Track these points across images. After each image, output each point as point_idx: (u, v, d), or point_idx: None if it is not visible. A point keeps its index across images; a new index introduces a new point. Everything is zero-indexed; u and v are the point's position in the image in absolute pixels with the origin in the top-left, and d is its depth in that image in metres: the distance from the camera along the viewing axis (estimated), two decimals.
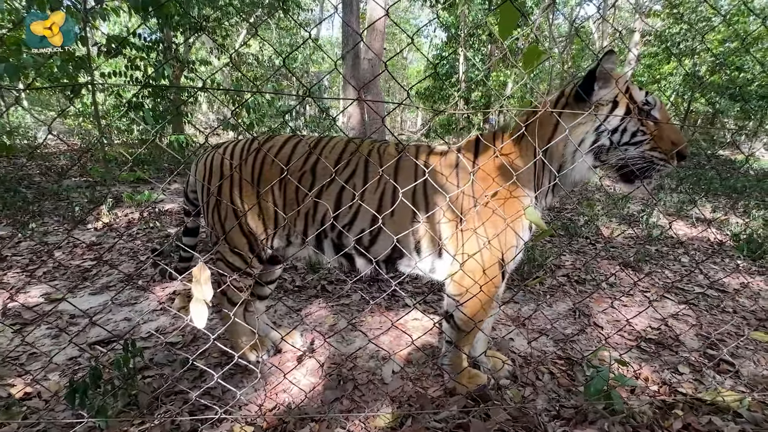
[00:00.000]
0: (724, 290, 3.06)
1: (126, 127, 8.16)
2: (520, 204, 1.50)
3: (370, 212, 1.66)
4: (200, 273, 1.08)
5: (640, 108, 1.38)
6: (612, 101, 1.39)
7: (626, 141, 1.38)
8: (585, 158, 1.41)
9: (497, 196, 1.50)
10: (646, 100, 1.38)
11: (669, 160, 1.36)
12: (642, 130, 1.37)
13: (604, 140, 1.39)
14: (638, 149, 1.38)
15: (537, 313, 2.61)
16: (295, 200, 1.73)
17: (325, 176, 1.69)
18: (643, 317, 2.59)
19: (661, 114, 1.39)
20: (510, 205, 1.50)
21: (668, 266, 3.54)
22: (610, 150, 1.40)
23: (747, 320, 2.62)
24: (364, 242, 1.71)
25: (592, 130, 1.40)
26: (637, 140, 1.38)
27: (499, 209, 1.49)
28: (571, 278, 3.20)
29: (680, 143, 1.33)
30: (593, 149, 1.41)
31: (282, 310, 2.60)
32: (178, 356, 2.02)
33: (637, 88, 1.40)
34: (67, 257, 3.36)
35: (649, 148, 1.38)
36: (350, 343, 2.21)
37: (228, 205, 1.72)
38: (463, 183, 1.56)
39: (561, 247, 3.95)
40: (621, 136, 1.38)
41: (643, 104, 1.38)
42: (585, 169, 1.44)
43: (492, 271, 1.54)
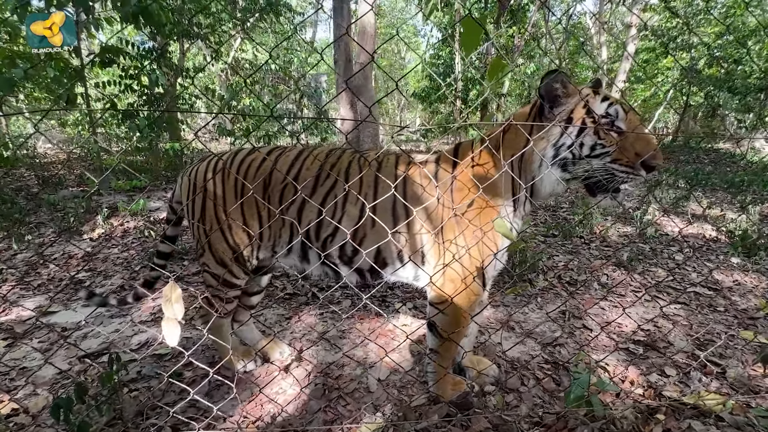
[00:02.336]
0: (717, 288, 3.05)
1: (125, 135, 8.21)
2: (496, 213, 1.51)
3: (352, 224, 1.68)
4: (171, 292, 1.09)
5: (598, 121, 1.38)
6: (567, 117, 1.40)
7: (587, 154, 1.39)
8: (551, 171, 1.42)
9: (474, 206, 1.51)
10: (606, 112, 1.38)
11: (633, 172, 1.35)
12: (601, 143, 1.37)
13: (564, 154, 1.40)
14: (601, 161, 1.38)
15: (526, 315, 2.61)
16: (281, 212, 1.74)
17: (307, 189, 1.70)
18: (634, 318, 2.58)
19: (627, 124, 1.39)
20: (487, 215, 1.51)
21: (662, 265, 3.54)
22: (576, 162, 1.40)
23: (738, 319, 2.61)
24: (347, 252, 1.73)
25: (551, 144, 1.41)
26: (597, 153, 1.38)
27: (475, 219, 1.50)
28: (563, 279, 3.20)
29: (645, 153, 1.32)
30: (557, 162, 1.42)
31: (273, 318, 2.61)
32: (166, 368, 2.03)
33: (598, 100, 1.40)
34: (62, 269, 3.38)
35: (610, 160, 1.37)
36: (338, 351, 2.22)
37: (212, 217, 1.74)
38: (441, 193, 1.57)
39: (554, 248, 3.95)
40: (580, 149, 1.39)
41: (603, 116, 1.38)
42: (553, 181, 1.45)
43: (471, 280, 1.55)
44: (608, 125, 1.38)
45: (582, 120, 1.38)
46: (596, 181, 1.41)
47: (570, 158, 1.40)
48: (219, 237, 1.76)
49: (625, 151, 1.35)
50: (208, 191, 1.72)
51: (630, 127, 1.37)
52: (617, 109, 1.38)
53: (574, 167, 1.41)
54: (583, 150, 1.38)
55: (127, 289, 2.99)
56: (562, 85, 1.38)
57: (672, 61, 13.80)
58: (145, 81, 5.99)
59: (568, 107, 1.40)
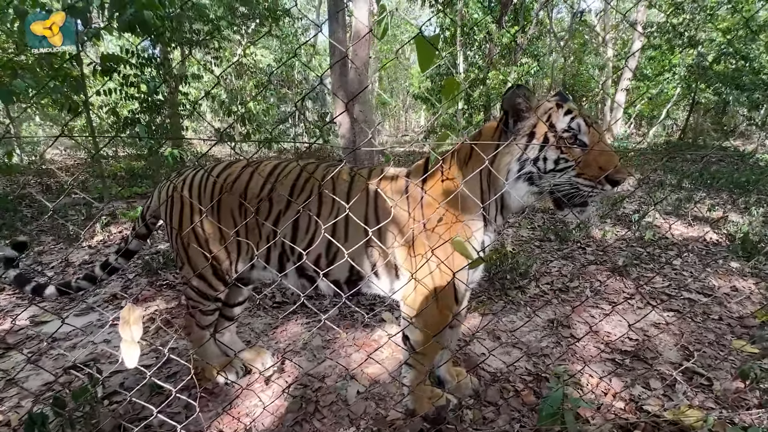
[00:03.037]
0: (713, 295, 2.99)
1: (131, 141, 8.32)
2: (466, 228, 1.50)
3: (326, 238, 1.68)
4: (129, 314, 1.10)
5: (560, 136, 1.36)
6: (529, 132, 1.38)
7: (551, 168, 1.37)
8: (518, 184, 1.41)
9: (444, 221, 1.50)
10: (568, 126, 1.36)
11: (597, 186, 1.33)
12: (564, 157, 1.36)
13: (529, 168, 1.38)
14: (565, 175, 1.37)
15: (515, 324, 2.59)
16: (255, 226, 1.76)
17: (281, 203, 1.71)
18: (623, 327, 2.54)
19: (590, 138, 1.37)
20: (456, 230, 1.50)
21: (658, 270, 3.48)
22: (542, 176, 1.38)
23: (732, 327, 2.56)
24: (322, 266, 1.73)
25: (515, 159, 1.40)
26: (561, 167, 1.36)
27: (445, 234, 1.49)
28: (555, 286, 3.16)
29: (608, 168, 1.30)
30: (523, 176, 1.40)
31: (260, 327, 2.63)
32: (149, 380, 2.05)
33: (561, 114, 1.38)
34: (58, 277, 3.44)
35: (574, 174, 1.36)
36: (321, 361, 2.22)
37: (189, 232, 1.75)
38: (411, 208, 1.56)
39: (549, 252, 3.91)
40: (544, 164, 1.37)
41: (565, 130, 1.36)
42: (521, 195, 1.43)
43: (443, 295, 1.54)
44: (571, 139, 1.36)
45: (544, 134, 1.37)
46: (563, 195, 1.39)
47: (535, 172, 1.38)
48: (197, 250, 1.77)
49: (589, 165, 1.33)
50: (185, 206, 1.73)
51: (593, 141, 1.35)
52: (579, 122, 1.36)
53: (540, 181, 1.39)
54: (547, 164, 1.37)
55: (119, 297, 3.03)
56: (524, 99, 1.36)
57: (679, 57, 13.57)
58: (144, 88, 6.07)
59: (531, 121, 1.39)
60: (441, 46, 15.58)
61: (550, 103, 1.42)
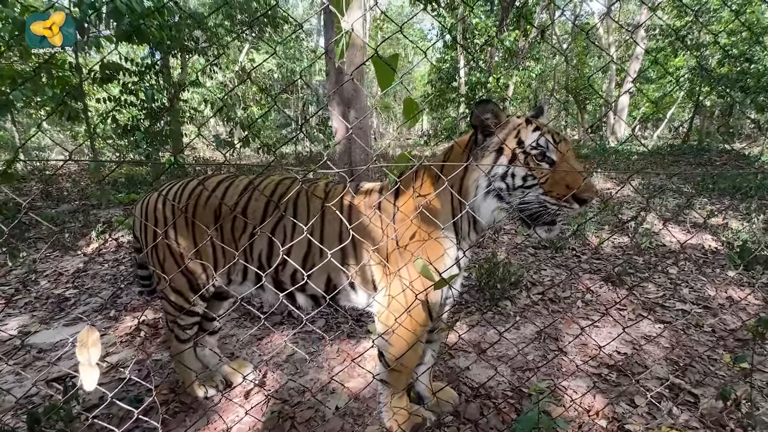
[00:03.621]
0: (708, 306, 2.93)
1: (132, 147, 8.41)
2: (438, 244, 1.48)
3: (302, 253, 1.68)
4: (87, 336, 1.10)
5: (527, 152, 1.34)
6: (497, 148, 1.36)
7: (519, 185, 1.35)
8: (486, 201, 1.39)
9: (416, 237, 1.48)
10: (536, 143, 1.34)
11: (565, 205, 1.30)
12: (531, 175, 1.33)
13: (497, 184, 1.36)
14: (532, 193, 1.35)
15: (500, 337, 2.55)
16: (232, 240, 1.75)
17: (256, 218, 1.71)
18: (612, 339, 2.50)
19: (558, 155, 1.34)
20: (428, 246, 1.48)
21: (653, 279, 3.42)
22: (511, 193, 1.36)
23: (724, 341, 2.50)
24: (298, 280, 1.72)
25: (483, 175, 1.38)
26: (529, 184, 1.34)
27: (417, 251, 1.47)
28: (546, 296, 3.12)
29: (575, 186, 1.27)
30: (491, 192, 1.38)
31: (245, 338, 2.62)
32: (129, 392, 2.05)
33: (530, 131, 1.36)
34: (51, 285, 3.47)
35: (542, 192, 1.33)
36: (303, 375, 2.21)
37: (164, 246, 1.75)
38: (384, 224, 1.55)
39: (543, 261, 3.87)
40: (512, 180, 1.35)
41: (533, 147, 1.34)
42: (492, 211, 1.41)
43: (416, 312, 1.52)
44: (539, 156, 1.34)
45: (513, 151, 1.35)
46: (531, 213, 1.37)
47: (504, 188, 1.36)
48: (173, 266, 1.77)
49: (556, 183, 1.31)
50: (159, 221, 1.73)
51: (561, 158, 1.33)
52: (547, 139, 1.34)
53: (509, 198, 1.37)
54: (515, 181, 1.35)
55: (108, 307, 3.04)
56: (492, 115, 1.35)
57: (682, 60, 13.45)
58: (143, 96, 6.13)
59: (500, 136, 1.37)
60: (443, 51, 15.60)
61: (519, 119, 1.40)
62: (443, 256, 1.49)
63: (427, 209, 1.45)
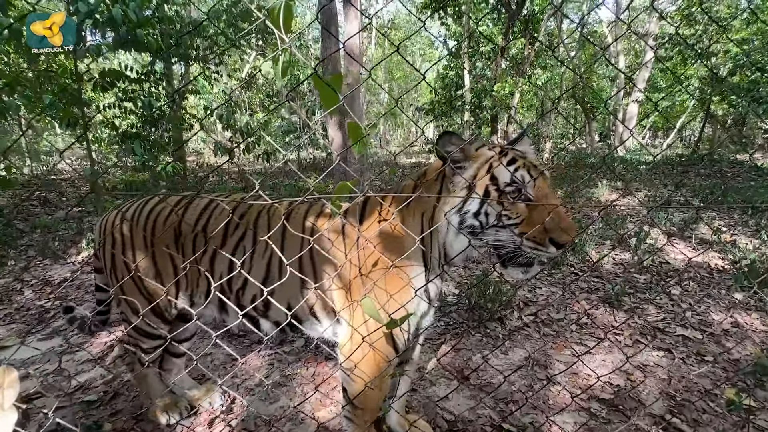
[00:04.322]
0: (710, 332, 2.76)
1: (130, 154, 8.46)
2: (404, 275, 1.37)
3: (260, 277, 1.59)
4: (3, 377, 1.01)
5: (502, 190, 1.22)
6: (468, 184, 1.25)
7: (494, 223, 1.23)
8: (459, 237, 1.28)
9: (380, 265, 1.38)
10: (512, 179, 1.21)
11: (540, 248, 1.17)
12: (506, 214, 1.21)
13: (470, 222, 1.25)
14: (506, 233, 1.22)
15: (484, 363, 2.42)
16: (193, 261, 1.67)
17: (217, 239, 1.63)
18: (604, 369, 2.35)
19: (537, 192, 1.21)
20: (393, 277, 1.37)
21: (654, 300, 3.26)
22: (485, 231, 1.25)
23: (727, 372, 2.34)
24: (259, 306, 1.63)
25: (455, 210, 1.27)
26: (503, 223, 1.22)
27: (381, 281, 1.37)
28: (539, 317, 2.98)
29: (553, 229, 1.14)
30: (465, 229, 1.27)
31: (221, 358, 2.52)
32: (91, 416, 1.97)
33: (504, 164, 1.24)
34: (35, 296, 3.42)
35: (518, 232, 1.21)
36: (273, 401, 2.10)
37: (122, 267, 1.68)
38: (347, 250, 1.45)
39: (539, 278, 3.72)
40: (486, 218, 1.23)
41: (507, 184, 1.22)
42: (464, 246, 1.29)
43: (380, 345, 1.41)
44: (514, 193, 1.21)
45: (486, 187, 1.23)
46: (506, 252, 1.25)
47: (477, 226, 1.25)
48: (132, 287, 1.69)
49: (532, 223, 1.17)
50: (117, 241, 1.66)
51: (539, 196, 1.20)
52: (523, 174, 1.22)
53: (484, 235, 1.26)
54: (490, 219, 1.23)
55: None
56: (457, 147, 1.24)
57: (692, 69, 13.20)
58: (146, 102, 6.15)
59: (470, 172, 1.26)
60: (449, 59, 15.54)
61: (493, 150, 1.29)
62: (407, 286, 1.38)
63: (393, 236, 1.35)
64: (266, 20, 0.92)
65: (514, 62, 13.47)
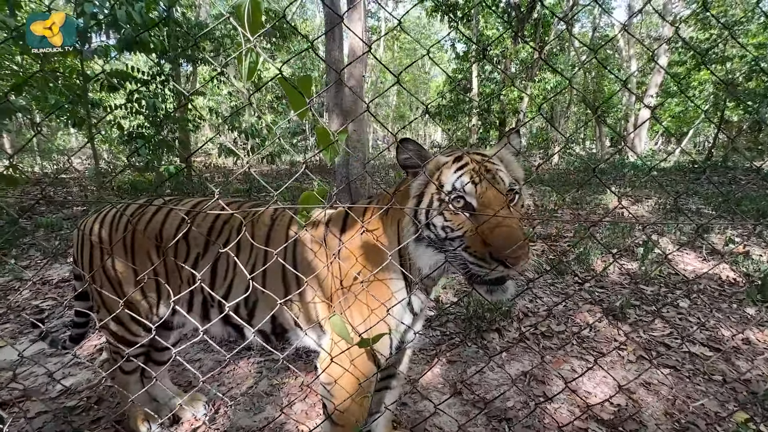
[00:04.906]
0: (720, 348, 2.63)
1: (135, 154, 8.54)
2: (385, 288, 1.30)
3: (243, 285, 1.54)
4: None
5: (442, 198, 1.13)
6: (419, 193, 1.17)
7: (443, 236, 1.13)
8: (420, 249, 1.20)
9: (361, 278, 1.31)
10: (452, 186, 1.12)
11: (485, 265, 1.04)
12: (449, 225, 1.11)
13: (426, 233, 1.17)
14: (452, 247, 1.13)
15: (483, 375, 2.33)
16: (175, 269, 1.62)
17: (199, 245, 1.58)
18: (605, 387, 2.25)
19: (481, 199, 1.10)
20: (375, 289, 1.30)
21: (661, 313, 3.13)
22: (444, 242, 1.16)
23: (737, 393, 2.21)
24: (242, 315, 1.58)
25: (410, 221, 1.19)
26: (450, 236, 1.12)
27: (362, 293, 1.30)
28: (539, 329, 2.87)
29: (495, 244, 1.00)
30: (423, 241, 1.19)
31: (210, 364, 2.48)
32: (73, 423, 1.93)
33: (452, 170, 1.15)
34: (31, 296, 3.42)
35: (463, 246, 1.10)
36: (259, 412, 2.04)
37: (102, 273, 1.63)
38: (329, 261, 1.38)
39: (542, 287, 3.61)
40: (435, 230, 1.15)
41: (448, 192, 1.12)
42: (429, 261, 1.21)
43: (360, 361, 1.34)
44: (457, 201, 1.12)
45: (431, 195, 1.15)
46: (466, 270, 1.14)
47: (433, 238, 1.16)
48: (111, 294, 1.65)
49: (474, 236, 1.06)
50: (95, 246, 1.62)
51: (482, 204, 1.09)
52: (463, 181, 1.11)
53: (443, 248, 1.16)
54: (438, 231, 1.14)
55: None
56: (411, 154, 1.16)
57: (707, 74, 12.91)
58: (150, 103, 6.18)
59: (422, 179, 1.19)
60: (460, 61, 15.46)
61: (448, 157, 1.21)
62: (391, 299, 1.31)
63: (372, 247, 1.28)
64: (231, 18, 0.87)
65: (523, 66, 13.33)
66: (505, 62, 14.37)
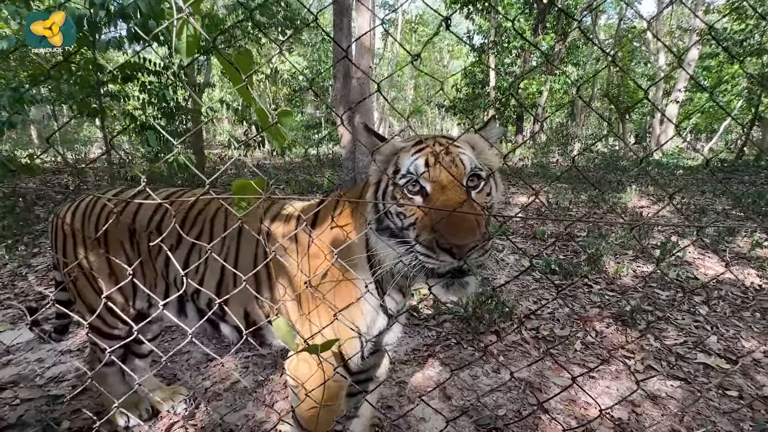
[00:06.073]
0: (736, 360, 2.44)
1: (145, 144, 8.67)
2: (353, 287, 1.21)
3: (214, 280, 1.48)
4: None
5: (395, 183, 1.03)
6: (377, 179, 1.07)
7: (399, 225, 1.03)
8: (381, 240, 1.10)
9: (330, 276, 1.22)
10: (407, 170, 1.01)
11: (432, 256, 0.93)
12: (402, 212, 1.01)
13: (386, 222, 1.07)
14: (409, 236, 1.02)
15: (476, 380, 2.22)
16: (149, 260, 1.58)
17: (172, 236, 1.52)
18: (609, 398, 2.11)
19: (433, 183, 0.99)
20: (343, 289, 1.21)
21: (674, 320, 2.93)
22: (403, 233, 1.05)
23: (754, 411, 2.03)
24: (216, 310, 1.52)
25: (371, 208, 1.09)
26: (405, 225, 1.02)
27: (329, 293, 1.21)
28: (541, 333, 2.73)
29: (441, 230, 0.89)
30: (386, 231, 1.08)
31: (198, 356, 2.45)
32: (56, 411, 1.92)
33: (409, 155, 1.05)
34: (36, 282, 3.48)
35: (414, 235, 0.99)
36: (240, 409, 1.99)
37: (75, 264, 1.60)
38: (299, 257, 1.30)
39: (548, 289, 3.45)
40: (391, 218, 1.05)
41: (402, 176, 1.02)
42: (389, 251, 1.09)
43: (328, 366, 1.26)
44: (410, 186, 1.02)
45: (387, 180, 1.06)
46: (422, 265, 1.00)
47: (394, 227, 1.06)
48: (86, 285, 1.62)
49: (423, 224, 0.96)
50: (68, 236, 1.58)
51: (435, 189, 0.98)
52: (418, 164, 1.01)
53: (404, 239, 1.05)
54: (395, 220, 1.04)
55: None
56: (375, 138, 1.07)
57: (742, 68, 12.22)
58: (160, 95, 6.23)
59: (382, 164, 1.09)
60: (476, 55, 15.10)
61: (408, 142, 1.11)
62: (360, 300, 1.21)
63: (341, 244, 1.19)
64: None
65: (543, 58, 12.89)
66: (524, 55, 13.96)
